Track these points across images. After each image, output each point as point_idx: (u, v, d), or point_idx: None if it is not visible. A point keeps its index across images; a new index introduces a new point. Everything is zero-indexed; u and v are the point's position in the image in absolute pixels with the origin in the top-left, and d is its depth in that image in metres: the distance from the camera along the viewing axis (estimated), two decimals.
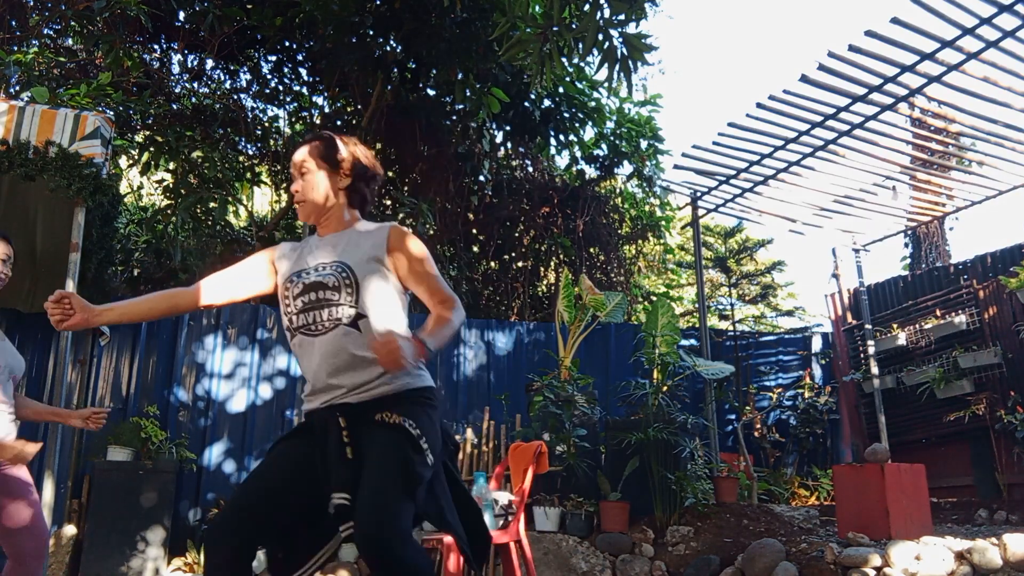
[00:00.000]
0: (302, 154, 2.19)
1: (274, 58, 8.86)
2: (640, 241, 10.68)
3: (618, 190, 10.21)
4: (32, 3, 7.44)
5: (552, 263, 9.70)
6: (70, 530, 5.33)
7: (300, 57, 8.74)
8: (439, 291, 2.10)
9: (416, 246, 2.12)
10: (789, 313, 12.79)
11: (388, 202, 9.29)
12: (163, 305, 2.21)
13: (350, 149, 2.21)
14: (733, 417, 7.78)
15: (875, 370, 7.50)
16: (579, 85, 8.72)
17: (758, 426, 7.84)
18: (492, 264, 9.64)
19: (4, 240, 2.93)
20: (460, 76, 7.43)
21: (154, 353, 6.32)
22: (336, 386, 1.99)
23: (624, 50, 4.17)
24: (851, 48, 5.37)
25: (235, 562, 1.88)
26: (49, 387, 5.93)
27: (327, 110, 9.10)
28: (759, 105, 6.09)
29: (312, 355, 2.02)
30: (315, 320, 2.02)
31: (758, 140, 6.56)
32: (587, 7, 4.11)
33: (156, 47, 8.56)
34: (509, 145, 9.58)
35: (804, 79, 5.71)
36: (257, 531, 1.92)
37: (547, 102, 8.68)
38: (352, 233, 2.18)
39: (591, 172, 9.82)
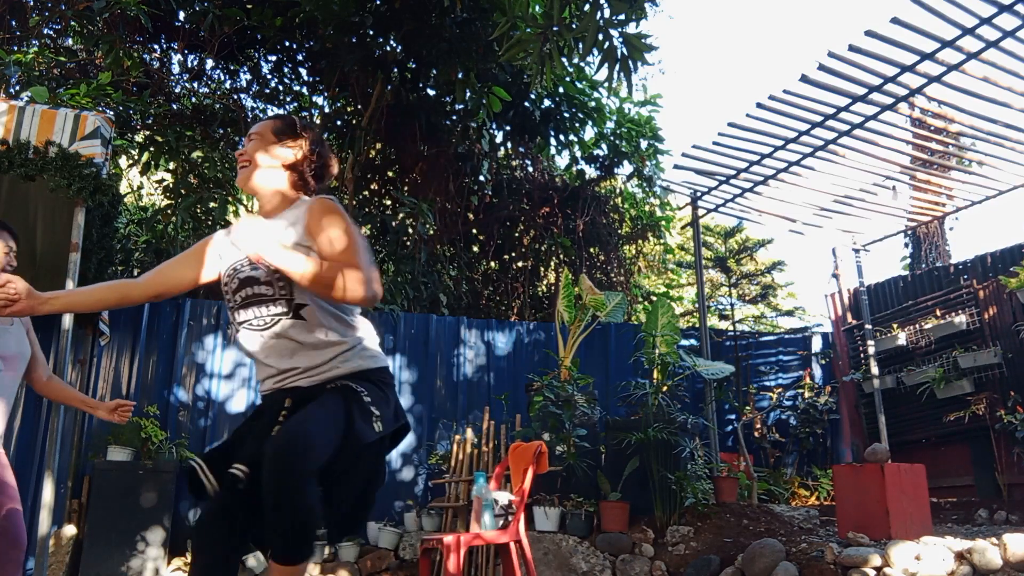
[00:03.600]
0: (259, 125, 2.14)
1: (274, 58, 8.87)
2: (640, 241, 10.68)
3: (618, 190, 10.21)
4: (32, 3, 7.44)
5: (552, 263, 9.70)
6: (70, 530, 5.34)
7: (300, 57, 8.74)
8: (342, 261, 1.90)
9: (330, 222, 1.95)
10: (789, 313, 12.80)
11: (388, 202, 9.29)
12: (112, 296, 2.18)
13: (310, 134, 2.15)
14: (733, 417, 7.78)
15: (875, 370, 7.50)
16: (579, 85, 8.72)
17: (758, 426, 7.84)
18: (492, 264, 9.64)
19: (8, 232, 2.93)
20: (460, 76, 7.43)
21: (154, 353, 6.32)
22: (288, 370, 1.97)
23: (624, 50, 4.17)
24: (851, 48, 5.37)
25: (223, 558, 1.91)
26: None
27: (327, 110, 9.10)
28: (759, 105, 6.09)
29: (261, 349, 1.99)
30: (256, 316, 1.98)
31: (758, 140, 6.56)
32: (587, 7, 4.11)
33: (156, 47, 8.56)
34: (509, 145, 9.59)
35: (804, 79, 5.71)
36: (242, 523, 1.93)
37: (547, 102, 8.68)
38: (281, 218, 2.07)
39: (591, 172, 9.82)
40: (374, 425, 1.89)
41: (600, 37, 4.09)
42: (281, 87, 9.05)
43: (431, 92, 8.33)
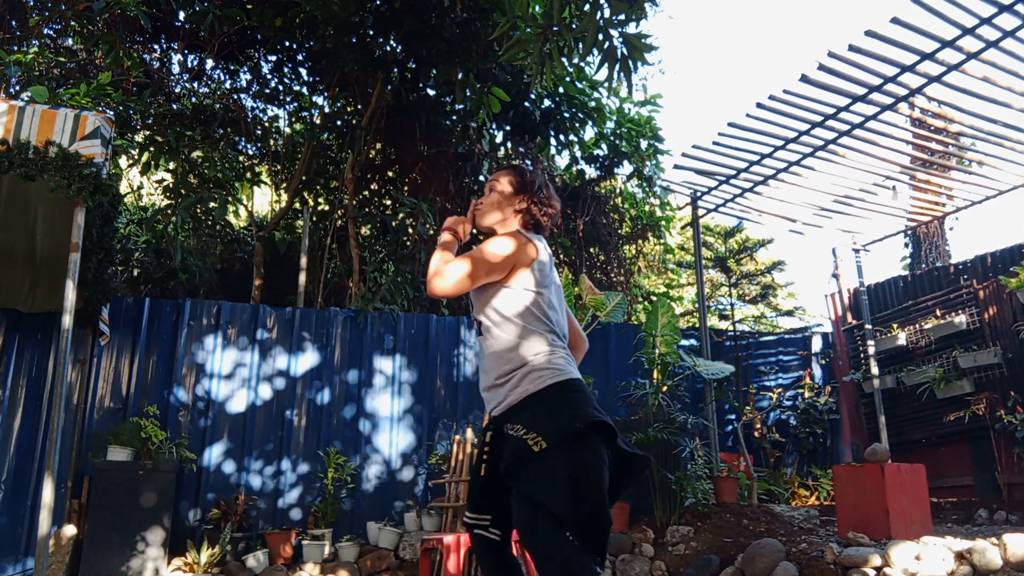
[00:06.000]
0: (496, 175, 2.56)
1: (274, 58, 8.86)
2: (640, 241, 10.68)
3: (618, 190, 10.21)
4: (32, 3, 7.44)
5: None
6: (70, 530, 5.33)
7: (300, 57, 8.74)
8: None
9: (485, 242, 2.37)
10: (789, 313, 12.80)
11: (388, 202, 9.29)
12: None
13: (537, 179, 2.53)
14: (733, 417, 7.77)
15: (875, 370, 7.49)
16: (579, 85, 8.72)
17: (758, 426, 7.84)
18: None
19: None
20: (460, 76, 7.43)
21: (154, 353, 6.31)
22: (488, 398, 2.31)
23: (624, 50, 4.17)
24: (851, 48, 5.37)
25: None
26: (49, 387, 5.93)
27: (327, 110, 9.10)
28: (759, 105, 6.09)
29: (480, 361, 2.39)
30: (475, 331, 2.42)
31: (758, 140, 6.56)
32: (587, 7, 4.10)
33: (156, 47, 8.55)
34: (509, 145, 9.58)
35: (804, 79, 5.71)
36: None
37: (547, 102, 8.68)
38: None
39: (591, 172, 9.81)
40: (531, 447, 2.07)
41: (600, 37, 4.08)
42: (281, 87, 9.05)
43: (431, 92, 8.33)
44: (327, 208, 9.14)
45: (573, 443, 2.10)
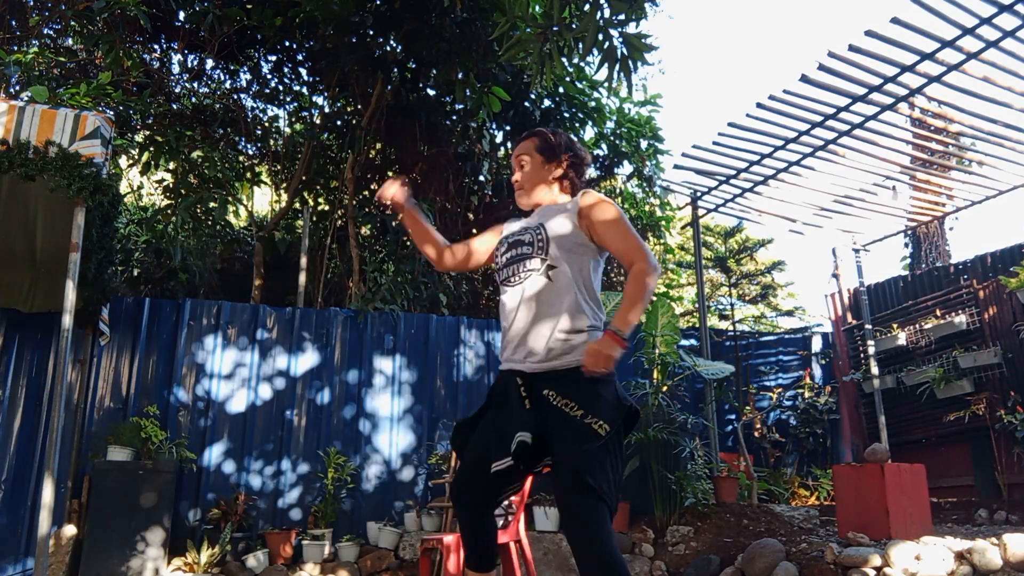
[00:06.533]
0: (521, 148, 2.53)
1: (274, 58, 8.86)
2: None
3: (618, 190, 10.20)
4: (32, 3, 7.44)
5: None
6: (70, 530, 5.33)
7: (300, 57, 8.73)
8: (627, 252, 2.25)
9: (604, 209, 2.30)
10: (789, 313, 12.80)
11: None
12: (436, 248, 2.67)
13: (562, 140, 2.51)
14: (733, 417, 7.77)
15: (875, 370, 7.49)
16: (579, 85, 8.72)
17: (758, 426, 7.84)
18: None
19: None
20: (460, 76, 7.43)
21: (154, 353, 6.31)
22: (524, 346, 2.23)
23: (624, 50, 4.16)
24: (851, 48, 5.37)
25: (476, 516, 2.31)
26: (49, 387, 5.93)
27: (327, 110, 9.10)
28: (759, 105, 6.09)
29: (511, 305, 2.30)
30: (515, 272, 2.33)
31: (758, 140, 6.56)
32: (587, 7, 4.10)
33: (156, 47, 8.55)
34: (509, 145, 9.58)
35: (804, 79, 5.71)
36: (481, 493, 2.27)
37: (547, 102, 8.68)
38: (554, 205, 2.46)
39: (591, 172, 9.80)
40: (598, 432, 2.07)
41: (600, 37, 4.08)
42: (281, 87, 9.05)
43: (431, 92, 8.33)
44: (327, 208, 9.14)
45: (616, 432, 2.14)
